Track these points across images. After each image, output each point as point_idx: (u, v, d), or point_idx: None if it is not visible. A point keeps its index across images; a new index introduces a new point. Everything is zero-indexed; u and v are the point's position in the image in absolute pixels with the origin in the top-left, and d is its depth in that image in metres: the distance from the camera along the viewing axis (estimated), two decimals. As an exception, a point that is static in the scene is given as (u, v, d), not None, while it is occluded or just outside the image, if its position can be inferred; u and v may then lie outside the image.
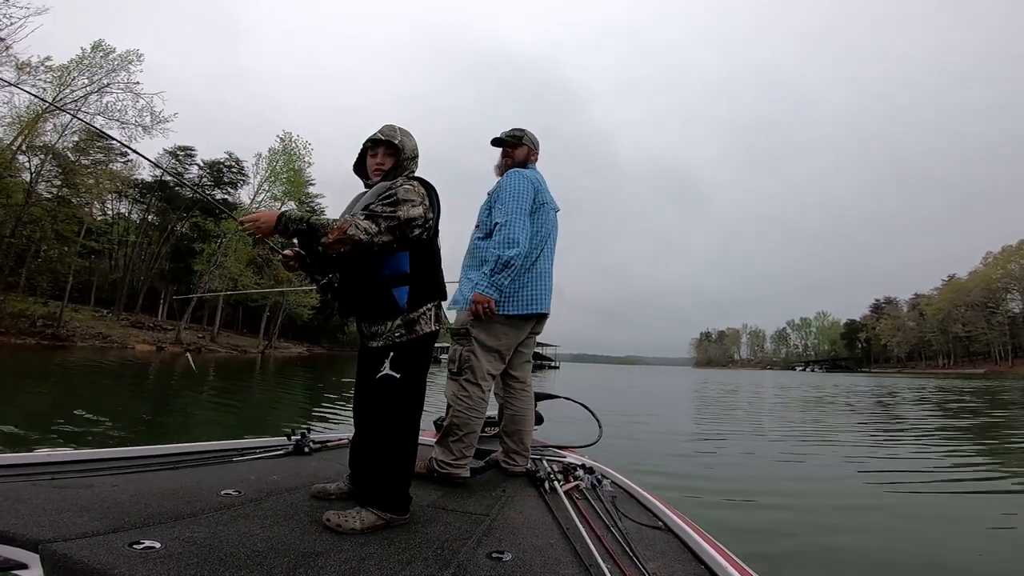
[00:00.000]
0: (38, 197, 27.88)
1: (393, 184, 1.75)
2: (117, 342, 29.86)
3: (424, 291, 1.76)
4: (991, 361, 74.62)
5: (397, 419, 1.69)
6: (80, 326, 29.50)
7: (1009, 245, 73.60)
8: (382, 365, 1.68)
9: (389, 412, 1.68)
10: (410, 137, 1.89)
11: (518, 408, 2.47)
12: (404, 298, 1.71)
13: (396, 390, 1.68)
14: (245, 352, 36.92)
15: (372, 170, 1.87)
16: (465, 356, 2.30)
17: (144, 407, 8.10)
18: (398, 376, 1.67)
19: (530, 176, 2.46)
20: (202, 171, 44.90)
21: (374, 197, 1.74)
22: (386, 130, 1.85)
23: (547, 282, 2.46)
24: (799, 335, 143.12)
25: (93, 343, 28.22)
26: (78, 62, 27.79)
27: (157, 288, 43.87)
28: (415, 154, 1.90)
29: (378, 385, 1.68)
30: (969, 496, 4.44)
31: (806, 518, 3.60)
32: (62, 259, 31.12)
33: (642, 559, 1.37)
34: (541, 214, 2.45)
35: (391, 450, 1.67)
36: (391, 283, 1.71)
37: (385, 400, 1.68)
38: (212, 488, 1.76)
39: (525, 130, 2.66)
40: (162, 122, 29.92)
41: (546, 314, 2.48)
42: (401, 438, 1.69)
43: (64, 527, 1.22)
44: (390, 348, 1.69)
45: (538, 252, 2.42)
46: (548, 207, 2.51)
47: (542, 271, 2.44)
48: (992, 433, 8.60)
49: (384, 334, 1.70)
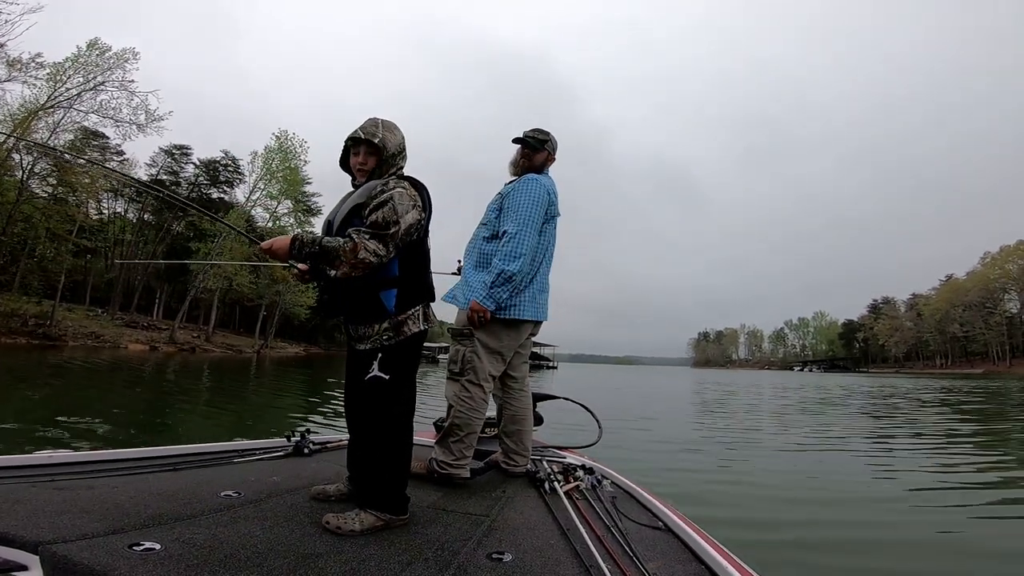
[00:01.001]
0: (30, 195, 27.70)
1: (384, 186, 1.69)
2: (109, 342, 29.62)
3: (412, 293, 1.74)
4: (989, 361, 74.87)
5: (388, 420, 1.68)
6: (72, 325, 29.26)
7: (1007, 245, 73.90)
8: (370, 367, 1.66)
9: (380, 414, 1.67)
10: (394, 132, 1.81)
11: (517, 408, 2.47)
12: (392, 301, 1.69)
13: (385, 391, 1.67)
14: (240, 352, 36.70)
15: (355, 169, 1.82)
16: (468, 357, 2.29)
17: (123, 411, 7.50)
18: (387, 378, 1.66)
19: (548, 186, 2.42)
20: (198, 170, 44.77)
21: (364, 197, 1.70)
22: (368, 127, 1.78)
23: (546, 291, 2.47)
24: (797, 335, 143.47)
25: (85, 342, 27.97)
26: (73, 60, 27.68)
27: (153, 288, 43.72)
28: (400, 150, 1.83)
29: (367, 387, 1.67)
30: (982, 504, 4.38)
31: (806, 518, 3.61)
32: (55, 258, 30.80)
33: (642, 559, 1.37)
34: (549, 228, 2.44)
35: (385, 451, 1.66)
36: (379, 286, 1.69)
37: (375, 402, 1.67)
38: (212, 489, 1.76)
39: (550, 134, 2.57)
40: (156, 120, 29.77)
41: (540, 321, 2.47)
42: (393, 439, 1.68)
43: (64, 529, 1.22)
44: (378, 351, 1.67)
45: (539, 265, 2.41)
46: (555, 220, 2.49)
47: (542, 282, 2.44)
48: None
49: (372, 337, 1.68)
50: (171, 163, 44.12)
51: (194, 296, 37.94)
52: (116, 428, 6.06)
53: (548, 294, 2.50)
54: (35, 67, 26.31)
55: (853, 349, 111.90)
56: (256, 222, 39.93)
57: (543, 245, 2.42)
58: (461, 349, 2.32)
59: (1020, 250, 71.30)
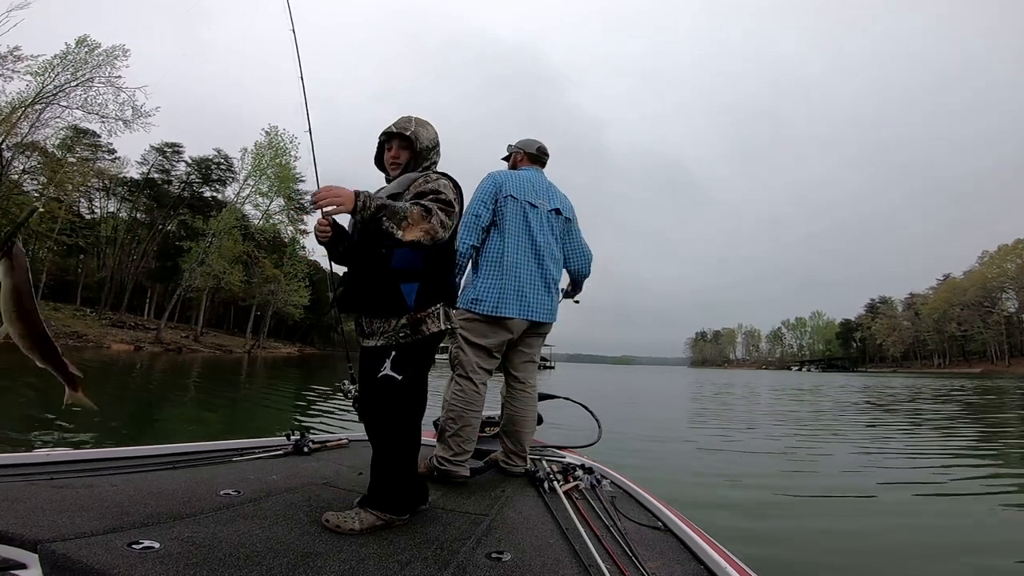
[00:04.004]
0: (8, 189, 27.41)
1: (427, 178, 1.69)
2: (92, 342, 29.23)
3: (434, 291, 1.68)
4: (987, 360, 75.12)
5: (396, 421, 1.64)
6: (55, 325, 28.75)
7: (1005, 244, 74.14)
8: (382, 364, 1.60)
9: (388, 413, 1.64)
10: (426, 127, 1.83)
11: (517, 409, 2.47)
12: (413, 296, 1.62)
13: (397, 392, 1.61)
14: (230, 352, 36.38)
15: (389, 164, 1.83)
16: (454, 352, 2.35)
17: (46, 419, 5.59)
18: (399, 378, 1.60)
19: (495, 176, 2.51)
20: (190, 168, 44.60)
21: (401, 187, 1.69)
22: (400, 122, 1.82)
23: (519, 284, 2.37)
24: (794, 335, 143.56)
25: (66, 342, 27.25)
26: (62, 57, 27.51)
27: (144, 287, 43.56)
28: (434, 144, 1.85)
29: (377, 385, 1.61)
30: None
31: (807, 519, 3.61)
32: (35, 254, 30.31)
33: (641, 559, 1.37)
34: (507, 208, 2.43)
35: (390, 451, 1.63)
36: (400, 277, 1.62)
37: (384, 401, 1.62)
38: (211, 488, 1.76)
39: (512, 144, 2.78)
40: (143, 116, 29.62)
41: (526, 320, 2.40)
42: (400, 440, 1.65)
43: (63, 527, 1.22)
44: (392, 348, 1.61)
45: (505, 251, 2.38)
46: (518, 201, 2.45)
47: (518, 272, 2.38)
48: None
49: (386, 332, 1.62)
50: (162, 161, 43.92)
51: (183, 296, 37.61)
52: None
53: (544, 292, 2.46)
54: (13, 60, 26.11)
55: (851, 349, 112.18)
56: (245, 220, 39.72)
57: (503, 233, 2.41)
58: (450, 345, 2.37)
59: (1018, 249, 71.51)
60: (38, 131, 28.60)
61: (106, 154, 37.48)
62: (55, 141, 30.24)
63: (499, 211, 2.43)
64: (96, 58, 28.31)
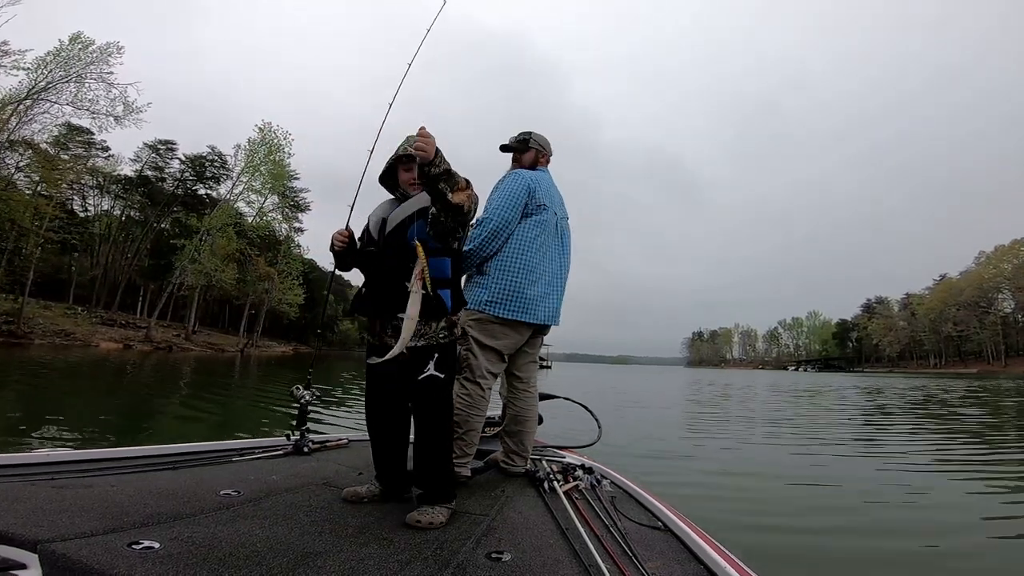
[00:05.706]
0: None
1: None
2: (80, 340, 28.89)
3: (459, 296, 1.88)
4: (983, 361, 75.28)
5: (445, 419, 1.78)
6: (43, 323, 28.58)
7: (1002, 244, 74.19)
8: (425, 366, 1.72)
9: (438, 411, 1.77)
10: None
11: (520, 409, 2.47)
12: (449, 300, 1.78)
13: (441, 390, 1.76)
14: (222, 351, 36.00)
15: (408, 184, 1.92)
16: (463, 355, 2.30)
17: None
18: (443, 376, 1.75)
19: (530, 178, 2.40)
20: (184, 165, 44.27)
21: (424, 203, 1.77)
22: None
23: (544, 291, 2.36)
24: (791, 335, 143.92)
25: (53, 340, 27.02)
26: (55, 54, 27.26)
27: (138, 285, 43.29)
28: None
29: (422, 386, 1.73)
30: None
31: (807, 519, 3.61)
32: (23, 252, 29.70)
33: (641, 559, 1.38)
34: (538, 216, 2.38)
35: (443, 446, 1.76)
36: (437, 285, 1.75)
37: (433, 400, 1.75)
38: (211, 488, 1.76)
39: (532, 132, 2.61)
40: (134, 112, 29.29)
41: (545, 325, 2.42)
42: (449, 435, 1.80)
43: (63, 527, 1.22)
44: (434, 349, 1.74)
45: (530, 256, 2.34)
46: (549, 210, 2.43)
47: (539, 278, 2.35)
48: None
49: (428, 335, 1.74)
50: (156, 158, 43.63)
51: (173, 293, 37.20)
52: None
53: (558, 298, 2.45)
54: (0, 54, 25.80)
55: (847, 349, 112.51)
56: (239, 217, 39.49)
57: (537, 235, 2.36)
58: (458, 347, 2.33)
59: (1015, 249, 71.57)
60: (25, 127, 28.23)
61: (100, 151, 37.24)
62: (46, 137, 29.87)
63: (527, 216, 2.37)
64: (90, 55, 28.09)
